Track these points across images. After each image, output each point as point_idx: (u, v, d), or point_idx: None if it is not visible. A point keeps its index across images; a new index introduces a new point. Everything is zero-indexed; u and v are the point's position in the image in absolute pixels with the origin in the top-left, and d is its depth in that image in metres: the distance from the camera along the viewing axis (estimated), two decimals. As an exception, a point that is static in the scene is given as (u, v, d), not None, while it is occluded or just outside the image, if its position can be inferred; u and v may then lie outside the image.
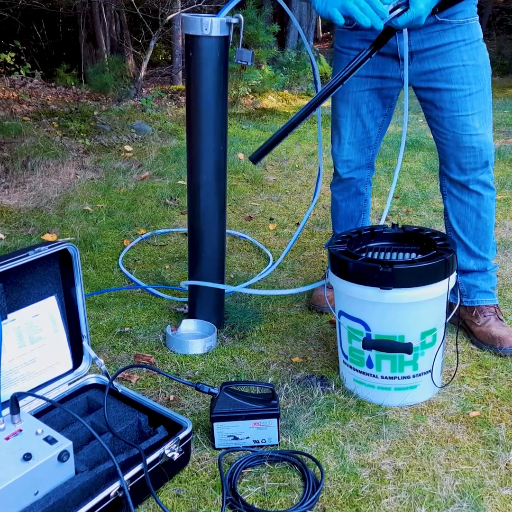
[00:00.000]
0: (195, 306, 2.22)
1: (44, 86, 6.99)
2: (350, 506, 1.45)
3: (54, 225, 3.12)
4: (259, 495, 1.48)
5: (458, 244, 2.14)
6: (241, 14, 1.88)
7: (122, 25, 8.15)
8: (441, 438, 1.68)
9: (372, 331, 1.76)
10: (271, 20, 9.04)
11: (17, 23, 7.87)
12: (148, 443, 1.49)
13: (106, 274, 2.63)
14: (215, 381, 1.92)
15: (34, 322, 1.59)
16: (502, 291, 2.46)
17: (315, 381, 1.89)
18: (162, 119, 5.64)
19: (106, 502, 1.32)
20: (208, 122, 1.96)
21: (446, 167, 2.07)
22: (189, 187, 2.09)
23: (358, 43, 1.98)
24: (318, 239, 3.07)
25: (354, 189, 2.28)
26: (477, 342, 2.11)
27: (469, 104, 1.95)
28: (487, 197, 2.07)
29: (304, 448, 1.63)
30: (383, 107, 2.12)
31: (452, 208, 2.12)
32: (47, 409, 1.58)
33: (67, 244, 1.56)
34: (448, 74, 1.93)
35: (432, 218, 3.36)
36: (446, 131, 2.00)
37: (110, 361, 2.01)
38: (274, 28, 7.14)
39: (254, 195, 3.78)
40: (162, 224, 3.24)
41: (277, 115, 6.24)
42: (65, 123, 5.09)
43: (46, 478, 1.29)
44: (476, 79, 1.94)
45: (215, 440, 1.62)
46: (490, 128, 2.00)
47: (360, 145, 2.17)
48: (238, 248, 2.95)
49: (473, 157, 1.99)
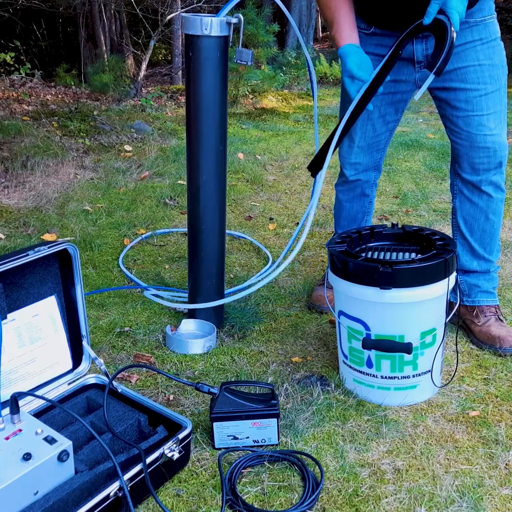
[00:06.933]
0: (195, 306, 2.22)
1: (44, 86, 6.98)
2: (350, 506, 1.45)
3: (54, 225, 3.12)
4: (259, 495, 1.48)
5: (463, 244, 2.14)
6: (241, 14, 1.88)
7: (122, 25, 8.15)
8: (441, 438, 1.68)
9: (372, 331, 1.76)
10: (271, 20, 9.04)
11: (17, 23, 7.87)
12: (147, 443, 1.49)
13: (106, 274, 2.63)
14: (215, 381, 1.92)
15: (34, 322, 1.59)
16: (502, 291, 2.46)
17: (315, 381, 1.89)
18: (162, 119, 5.64)
19: (106, 502, 1.32)
20: (208, 122, 1.96)
21: (459, 166, 2.06)
22: (189, 187, 2.09)
23: (373, 47, 1.97)
24: (318, 239, 3.07)
25: (359, 190, 2.27)
26: (477, 342, 2.10)
27: (484, 104, 1.93)
28: (497, 199, 2.07)
29: (303, 448, 1.63)
30: (395, 113, 2.10)
31: (461, 208, 2.12)
32: (47, 409, 1.58)
33: (67, 244, 1.56)
34: (463, 73, 1.92)
35: (432, 218, 3.36)
36: (461, 130, 1.99)
37: (110, 361, 2.01)
38: (274, 28, 7.14)
39: (254, 195, 3.78)
40: (162, 224, 3.24)
41: (276, 115, 6.23)
42: (65, 123, 5.09)
43: (46, 478, 1.29)
44: (492, 79, 1.93)
45: (215, 440, 1.62)
46: (505, 128, 1.99)
47: (369, 149, 2.16)
48: (238, 248, 2.95)
49: (487, 158, 1.98)
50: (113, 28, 8.11)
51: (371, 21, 1.96)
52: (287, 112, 6.43)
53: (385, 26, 1.94)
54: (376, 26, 1.96)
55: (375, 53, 1.97)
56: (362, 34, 1.98)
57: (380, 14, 1.93)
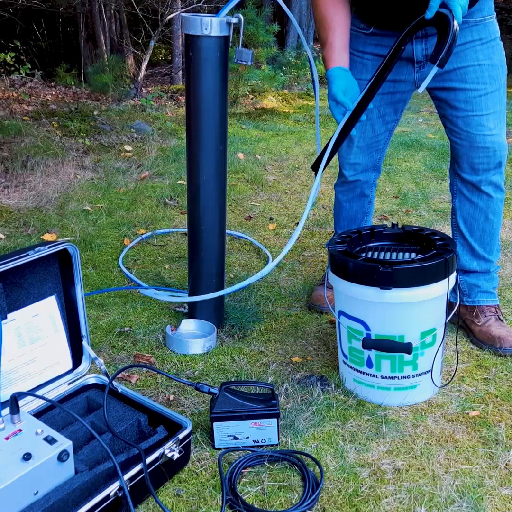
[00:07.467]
0: (195, 305, 2.22)
1: (44, 86, 6.98)
2: (350, 506, 1.45)
3: (54, 225, 3.11)
4: (259, 495, 1.48)
5: (463, 244, 2.14)
6: (241, 14, 1.87)
7: (122, 25, 8.14)
8: (441, 438, 1.68)
9: (372, 331, 1.76)
10: (271, 20, 9.03)
11: (17, 23, 7.86)
12: (148, 443, 1.49)
13: (106, 274, 2.63)
14: (215, 381, 1.92)
15: (34, 322, 1.59)
16: (502, 291, 2.46)
17: (315, 381, 1.89)
18: (162, 119, 5.63)
19: (106, 502, 1.32)
20: (208, 122, 1.96)
21: (458, 166, 2.06)
22: (189, 187, 2.09)
23: (372, 47, 1.97)
24: (318, 239, 3.07)
25: (359, 191, 2.27)
26: (477, 342, 2.10)
27: (484, 104, 1.93)
28: (496, 199, 2.07)
29: (303, 448, 1.63)
30: (394, 113, 2.10)
31: (461, 208, 2.12)
32: (47, 409, 1.58)
33: (67, 244, 1.56)
34: (463, 73, 1.92)
35: (432, 218, 3.36)
36: (460, 130, 1.98)
37: (110, 361, 2.01)
38: (274, 28, 7.14)
39: (254, 195, 3.78)
40: (162, 224, 3.24)
41: (276, 115, 6.23)
42: (65, 123, 5.09)
43: (46, 478, 1.29)
44: (492, 79, 1.92)
45: (215, 440, 1.62)
46: (504, 128, 1.99)
47: (369, 149, 2.15)
48: (238, 248, 2.95)
49: (486, 158, 1.98)
50: (113, 28, 8.10)
51: (370, 21, 1.96)
52: (287, 112, 6.43)
53: (385, 26, 1.94)
54: (375, 27, 1.96)
55: (374, 53, 1.97)
56: (362, 34, 1.98)
57: (379, 14, 1.93)
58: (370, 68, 1.95)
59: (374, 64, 1.93)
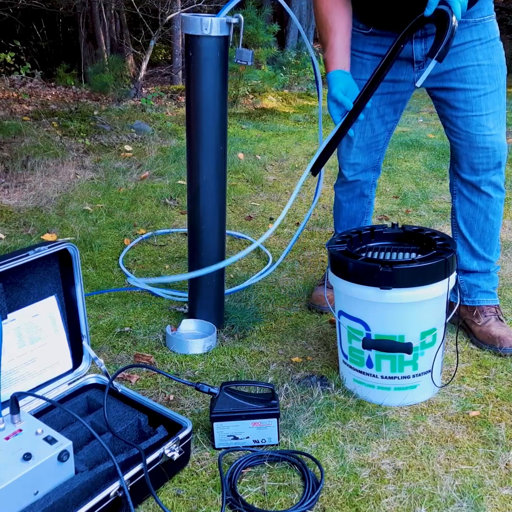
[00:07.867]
0: (195, 306, 2.22)
1: (44, 86, 6.98)
2: (350, 506, 1.45)
3: (54, 225, 3.11)
4: (259, 495, 1.48)
5: (463, 244, 2.14)
6: (241, 14, 1.87)
7: (122, 25, 8.13)
8: (441, 438, 1.68)
9: (372, 331, 1.76)
10: (271, 20, 9.03)
11: (17, 23, 7.86)
12: (148, 443, 1.49)
13: (106, 274, 2.63)
14: (215, 381, 1.92)
15: (34, 322, 1.59)
16: (502, 291, 2.46)
17: (315, 381, 1.89)
18: (162, 119, 5.63)
19: (106, 502, 1.32)
20: (208, 122, 1.96)
21: (458, 166, 2.06)
22: (189, 187, 2.09)
23: (372, 47, 1.97)
24: (318, 239, 3.07)
25: (358, 191, 2.26)
26: (477, 342, 2.10)
27: (483, 104, 1.93)
28: (496, 199, 2.06)
29: (304, 448, 1.63)
30: (394, 113, 2.10)
31: (460, 208, 2.12)
32: (47, 409, 1.58)
33: (67, 244, 1.56)
34: (462, 73, 1.92)
35: (432, 218, 3.36)
36: (460, 130, 1.98)
37: (110, 361, 2.01)
38: (274, 28, 7.14)
39: (254, 195, 3.78)
40: (162, 224, 3.24)
41: (277, 115, 6.23)
42: (65, 123, 5.09)
43: (46, 478, 1.29)
44: (491, 79, 1.92)
45: (215, 440, 1.62)
46: (504, 128, 1.99)
47: (368, 149, 2.15)
48: (238, 248, 2.95)
49: (486, 158, 1.98)
50: (113, 28, 8.10)
51: (370, 21, 1.96)
52: (287, 112, 6.43)
53: (384, 26, 1.94)
54: (375, 27, 1.96)
55: (373, 53, 1.97)
56: (361, 34, 1.98)
57: (379, 14, 1.93)
58: (369, 68, 1.95)
59: (373, 64, 1.93)
